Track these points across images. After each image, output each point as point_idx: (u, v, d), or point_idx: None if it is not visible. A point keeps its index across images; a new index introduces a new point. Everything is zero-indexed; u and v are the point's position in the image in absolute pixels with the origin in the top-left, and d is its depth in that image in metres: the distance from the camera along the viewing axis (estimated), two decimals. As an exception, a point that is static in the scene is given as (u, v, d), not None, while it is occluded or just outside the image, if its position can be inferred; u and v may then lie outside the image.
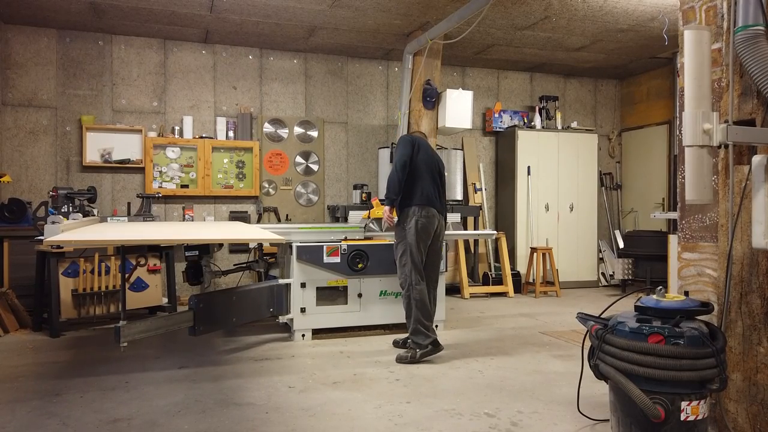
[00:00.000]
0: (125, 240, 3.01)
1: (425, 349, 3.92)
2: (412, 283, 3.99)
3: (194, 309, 3.86)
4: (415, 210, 4.01)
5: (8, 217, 5.31)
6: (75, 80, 6.30)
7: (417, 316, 3.95)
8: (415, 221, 4.01)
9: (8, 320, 4.86)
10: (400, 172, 4.00)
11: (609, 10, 5.67)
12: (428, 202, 4.07)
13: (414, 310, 3.97)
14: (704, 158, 2.14)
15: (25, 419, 2.86)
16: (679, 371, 2.12)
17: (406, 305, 4.03)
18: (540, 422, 2.84)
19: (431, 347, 3.94)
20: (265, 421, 2.84)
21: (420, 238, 4.03)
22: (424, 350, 3.91)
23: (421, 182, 4.06)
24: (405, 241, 4.04)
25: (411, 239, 4.01)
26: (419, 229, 4.02)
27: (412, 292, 3.98)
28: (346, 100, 7.29)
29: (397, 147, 4.14)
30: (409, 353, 3.93)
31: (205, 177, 6.59)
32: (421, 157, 4.12)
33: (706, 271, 2.58)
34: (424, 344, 3.93)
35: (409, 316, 4.00)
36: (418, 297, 3.98)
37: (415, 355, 3.90)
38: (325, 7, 5.56)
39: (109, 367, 3.83)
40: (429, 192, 4.09)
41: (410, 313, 3.99)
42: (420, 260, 4.05)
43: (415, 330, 3.96)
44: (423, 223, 4.03)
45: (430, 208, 4.06)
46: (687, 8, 2.67)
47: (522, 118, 7.83)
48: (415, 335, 3.97)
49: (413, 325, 3.96)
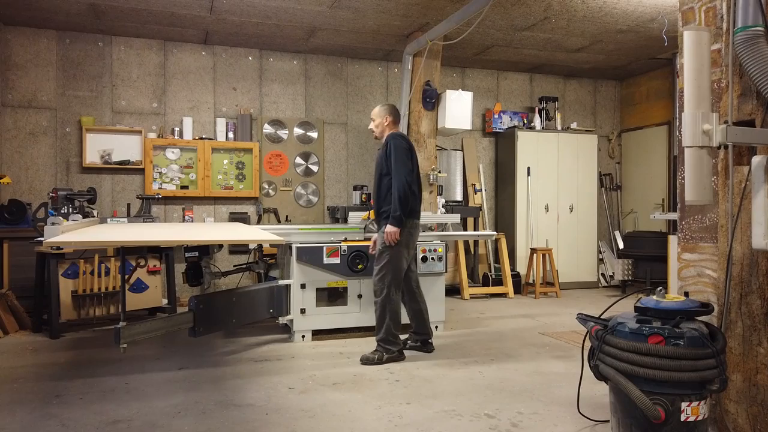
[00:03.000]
0: (125, 241, 3.00)
1: (392, 354, 3.98)
2: (391, 294, 3.98)
3: (194, 310, 3.86)
4: (406, 222, 3.96)
5: (8, 218, 5.31)
6: (75, 81, 6.30)
7: (389, 326, 3.98)
8: (406, 234, 3.97)
9: (8, 321, 4.85)
10: (409, 187, 3.92)
11: (608, 11, 5.67)
12: (416, 213, 4.06)
13: (388, 320, 3.98)
14: (704, 159, 2.14)
15: (25, 420, 2.86)
16: (679, 372, 2.12)
17: (380, 314, 4.00)
18: (540, 423, 2.84)
19: (397, 353, 4.01)
20: (265, 423, 2.84)
21: (408, 250, 4.04)
22: (390, 355, 3.98)
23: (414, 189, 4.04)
24: (391, 252, 3.97)
25: (399, 252, 3.98)
26: (409, 242, 4.02)
27: (389, 303, 3.98)
28: (346, 101, 7.30)
29: (395, 152, 3.95)
30: (375, 355, 3.95)
31: (204, 178, 6.59)
32: (414, 163, 4.05)
33: (706, 271, 2.57)
34: (393, 350, 4.00)
35: (382, 324, 3.99)
36: (394, 308, 4.01)
37: (382, 357, 3.94)
38: (324, 8, 5.56)
39: (109, 368, 3.83)
40: (418, 202, 4.07)
41: (383, 322, 3.98)
42: (402, 272, 4.05)
43: (386, 339, 3.99)
44: (413, 235, 4.04)
45: (417, 220, 4.06)
46: (686, 9, 2.67)
47: (522, 119, 7.83)
48: (385, 343, 3.99)
49: (384, 334, 3.98)
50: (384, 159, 4.03)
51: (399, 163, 3.93)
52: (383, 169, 4.03)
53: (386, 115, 4.15)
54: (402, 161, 3.93)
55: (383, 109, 4.19)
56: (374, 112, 4.22)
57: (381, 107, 4.21)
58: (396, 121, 4.20)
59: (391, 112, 4.18)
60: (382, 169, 4.04)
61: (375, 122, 4.19)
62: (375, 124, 4.19)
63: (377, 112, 4.20)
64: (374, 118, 4.20)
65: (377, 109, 4.21)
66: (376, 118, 4.18)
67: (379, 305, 4.01)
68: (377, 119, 4.18)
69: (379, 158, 4.10)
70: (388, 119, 4.15)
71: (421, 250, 4.76)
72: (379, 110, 4.19)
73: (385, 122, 4.15)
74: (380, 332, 4.00)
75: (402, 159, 3.94)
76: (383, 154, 4.05)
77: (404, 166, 3.93)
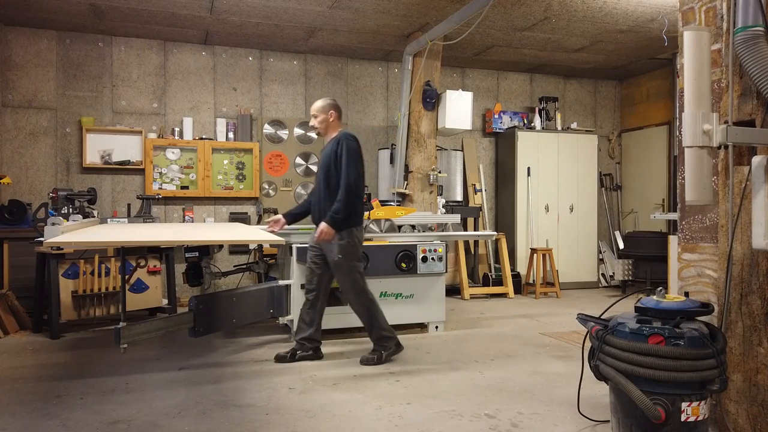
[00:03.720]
0: (125, 241, 3.00)
1: (390, 349, 3.96)
2: (367, 294, 3.94)
3: (194, 310, 3.86)
4: (360, 228, 3.92)
5: (8, 218, 5.32)
6: (75, 82, 6.30)
7: (380, 323, 3.95)
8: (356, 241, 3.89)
9: (8, 322, 4.85)
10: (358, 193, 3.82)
11: (609, 11, 5.67)
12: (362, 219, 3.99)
13: (376, 318, 3.94)
14: (704, 159, 2.14)
15: (25, 421, 2.86)
16: (679, 372, 2.12)
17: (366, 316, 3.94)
18: (540, 423, 2.84)
19: (395, 347, 3.98)
20: (265, 423, 2.84)
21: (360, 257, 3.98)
22: (389, 351, 3.95)
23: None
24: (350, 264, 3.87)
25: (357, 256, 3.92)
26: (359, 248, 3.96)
27: (370, 303, 3.93)
28: (346, 102, 7.30)
29: (348, 153, 3.78)
30: (375, 355, 3.91)
31: (205, 178, 6.59)
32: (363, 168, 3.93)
33: (706, 271, 2.57)
34: (390, 345, 3.97)
35: (372, 324, 3.93)
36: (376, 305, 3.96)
37: (381, 355, 3.91)
38: (324, 8, 5.56)
39: (109, 368, 3.83)
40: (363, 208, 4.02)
41: (373, 321, 3.93)
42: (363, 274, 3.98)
43: (381, 336, 3.95)
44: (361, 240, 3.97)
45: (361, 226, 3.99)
46: (686, 9, 2.67)
47: (522, 119, 7.83)
48: (381, 341, 3.95)
49: (377, 332, 3.94)
50: (333, 158, 3.83)
51: (352, 166, 3.77)
52: (331, 168, 3.84)
53: (330, 111, 3.94)
54: (355, 164, 3.79)
55: (326, 104, 3.96)
56: (316, 108, 3.96)
57: (323, 102, 3.97)
58: (340, 117, 4.03)
59: (335, 107, 3.97)
60: (330, 168, 3.84)
61: (318, 118, 3.94)
62: (318, 121, 3.94)
63: (320, 107, 3.95)
64: (316, 114, 3.94)
65: (319, 104, 3.96)
66: (319, 114, 3.93)
67: (362, 310, 3.94)
68: (320, 115, 3.93)
69: (327, 157, 3.88)
70: (333, 115, 3.95)
71: (421, 251, 4.76)
72: (322, 105, 3.95)
73: (330, 118, 3.95)
74: (373, 332, 3.96)
75: (355, 162, 3.80)
76: (332, 152, 3.84)
77: (356, 170, 3.79)
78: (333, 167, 3.83)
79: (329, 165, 3.85)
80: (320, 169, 3.97)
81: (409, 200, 6.52)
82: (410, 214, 5.16)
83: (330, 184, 3.85)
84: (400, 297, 4.78)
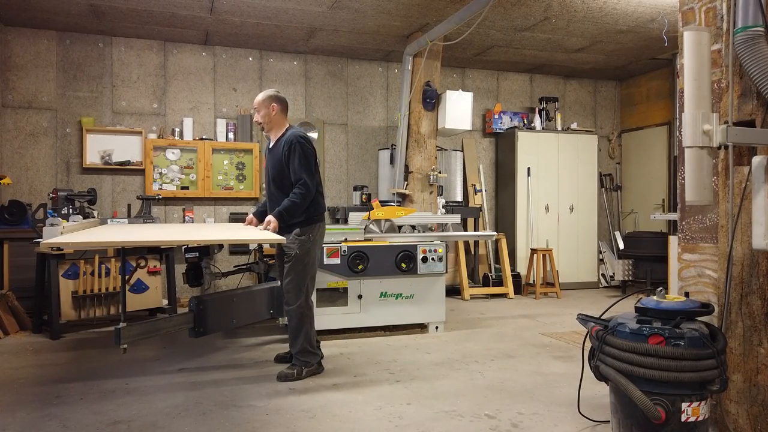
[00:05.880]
0: (125, 242, 3.00)
1: (311, 367, 3.67)
2: (308, 301, 3.67)
3: (194, 311, 3.85)
4: (320, 225, 3.73)
5: (8, 219, 5.31)
6: (75, 82, 6.30)
7: (308, 336, 3.66)
8: (319, 237, 3.73)
9: (8, 322, 4.85)
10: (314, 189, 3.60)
11: (609, 11, 5.67)
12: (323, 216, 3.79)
13: (305, 329, 3.65)
14: (704, 159, 2.14)
15: (25, 421, 2.86)
16: (679, 372, 2.12)
17: (296, 323, 3.63)
18: (540, 423, 2.84)
19: (316, 366, 3.71)
20: (265, 423, 2.84)
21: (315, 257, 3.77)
22: (309, 368, 3.66)
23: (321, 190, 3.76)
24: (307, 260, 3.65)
25: (313, 256, 3.70)
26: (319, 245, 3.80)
27: (308, 310, 3.67)
28: (346, 102, 7.30)
29: (298, 149, 3.56)
30: (294, 370, 3.61)
31: (205, 179, 6.59)
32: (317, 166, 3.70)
33: (706, 272, 2.57)
34: (312, 363, 3.69)
35: (298, 334, 3.64)
36: (312, 316, 3.71)
37: (301, 372, 3.61)
38: (324, 8, 5.56)
39: (109, 369, 3.83)
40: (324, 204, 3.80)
41: (300, 332, 3.64)
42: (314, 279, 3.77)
43: (304, 350, 3.65)
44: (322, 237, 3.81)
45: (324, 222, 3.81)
46: (686, 9, 2.67)
47: (522, 120, 7.83)
48: (302, 355, 3.65)
49: (301, 345, 3.63)
50: (285, 161, 3.60)
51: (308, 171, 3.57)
52: (284, 171, 3.61)
53: (272, 104, 3.68)
54: (310, 169, 3.59)
55: (267, 96, 3.69)
56: (257, 101, 3.70)
57: (264, 94, 3.70)
58: (284, 110, 3.75)
59: (277, 99, 3.71)
60: (283, 171, 3.62)
61: (260, 113, 3.68)
62: (261, 115, 3.68)
63: (260, 100, 3.69)
64: (258, 108, 3.68)
65: (260, 98, 3.69)
66: (261, 108, 3.67)
67: (294, 313, 3.62)
68: (262, 109, 3.67)
69: (277, 161, 3.64)
70: (275, 108, 3.68)
71: (421, 251, 4.76)
72: (263, 99, 3.68)
73: (273, 112, 3.68)
74: (297, 344, 3.64)
75: (311, 167, 3.60)
76: (282, 155, 3.60)
77: (312, 175, 3.58)
78: (286, 170, 3.61)
79: (281, 168, 3.62)
80: (270, 170, 3.72)
81: (409, 200, 6.51)
82: (410, 214, 5.16)
83: (284, 187, 3.65)
84: (400, 297, 4.78)
